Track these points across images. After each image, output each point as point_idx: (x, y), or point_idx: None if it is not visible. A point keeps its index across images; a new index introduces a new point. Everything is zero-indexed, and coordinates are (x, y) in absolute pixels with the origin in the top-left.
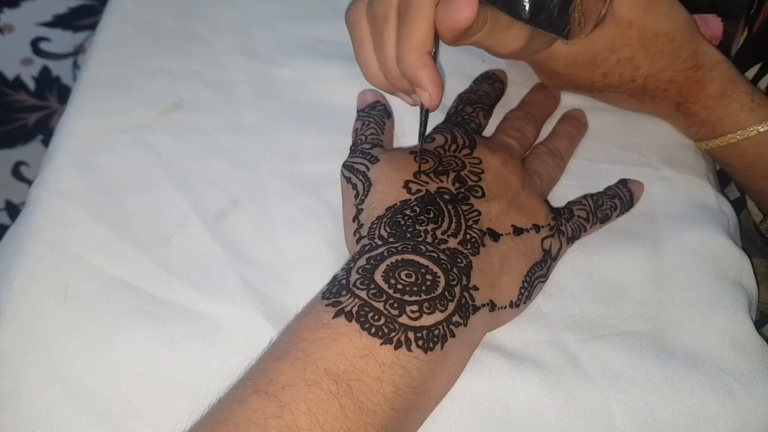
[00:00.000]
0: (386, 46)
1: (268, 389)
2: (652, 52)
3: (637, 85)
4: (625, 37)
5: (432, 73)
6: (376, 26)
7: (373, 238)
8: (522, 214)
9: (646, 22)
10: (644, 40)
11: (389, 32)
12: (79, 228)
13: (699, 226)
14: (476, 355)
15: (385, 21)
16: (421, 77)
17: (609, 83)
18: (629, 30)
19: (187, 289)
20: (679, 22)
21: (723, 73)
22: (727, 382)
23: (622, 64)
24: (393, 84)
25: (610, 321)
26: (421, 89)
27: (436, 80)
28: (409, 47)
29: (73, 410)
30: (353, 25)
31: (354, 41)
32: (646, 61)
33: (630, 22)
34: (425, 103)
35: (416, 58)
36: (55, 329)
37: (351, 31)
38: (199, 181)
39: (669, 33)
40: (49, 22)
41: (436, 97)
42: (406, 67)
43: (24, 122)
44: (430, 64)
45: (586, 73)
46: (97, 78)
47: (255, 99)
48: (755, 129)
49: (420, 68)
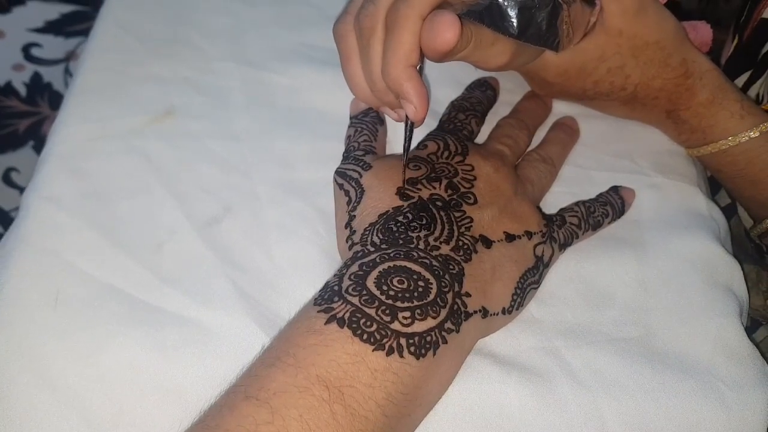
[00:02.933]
0: (372, 59)
1: (260, 395)
2: (642, 60)
3: (628, 93)
4: (615, 45)
5: (417, 85)
6: (362, 39)
7: (366, 244)
8: (514, 220)
9: (636, 31)
10: (634, 48)
11: (376, 45)
12: (70, 234)
13: (690, 233)
14: (468, 362)
15: (372, 34)
16: (407, 90)
17: (600, 92)
18: (619, 39)
19: (179, 295)
20: (669, 31)
21: (713, 80)
22: (719, 388)
23: (613, 73)
24: (378, 98)
25: (602, 327)
26: (407, 102)
27: (421, 93)
28: (395, 60)
29: (63, 417)
30: (340, 37)
31: (341, 54)
32: (636, 69)
33: (620, 31)
34: (410, 115)
35: (401, 71)
36: (45, 336)
37: (338, 44)
38: (191, 188)
39: (659, 41)
40: (41, 28)
41: (422, 110)
42: (392, 79)
43: (15, 128)
44: (416, 77)
45: (577, 82)
46: (90, 84)
47: (247, 105)
48: (746, 135)
49: (405, 81)
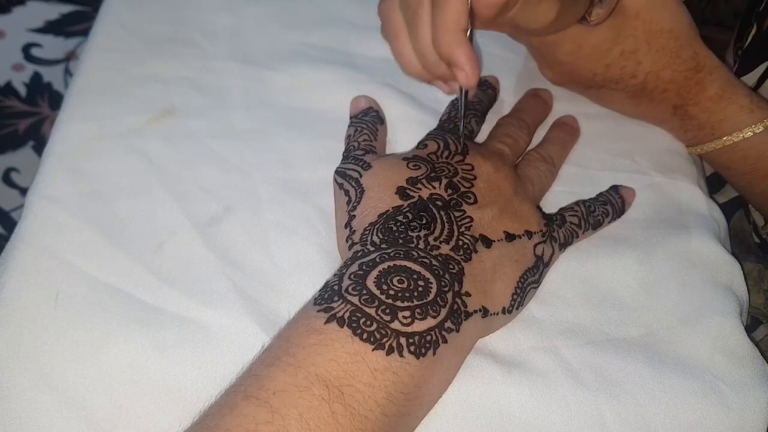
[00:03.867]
0: (421, 32)
1: (260, 395)
2: (655, 47)
3: (638, 82)
4: (631, 28)
5: (468, 51)
6: (409, 14)
7: (366, 244)
8: (514, 220)
9: (653, 16)
10: (649, 33)
11: (424, 17)
12: (70, 234)
13: (690, 232)
14: (469, 361)
15: (419, 5)
16: (458, 56)
17: (610, 77)
18: (636, 21)
19: (179, 295)
20: (684, 23)
21: (722, 76)
22: (719, 388)
23: (625, 57)
24: (429, 70)
25: (603, 327)
26: (458, 68)
27: (472, 57)
28: (444, 27)
29: (63, 417)
30: (386, 16)
31: (388, 32)
32: (648, 56)
33: (637, 13)
34: (462, 82)
35: (452, 37)
36: (45, 335)
37: (385, 23)
38: (191, 188)
39: (673, 30)
40: (41, 28)
41: (474, 75)
42: (442, 47)
43: (15, 128)
44: (466, 42)
45: (588, 63)
46: (90, 83)
47: (248, 105)
48: (756, 128)
49: (456, 47)
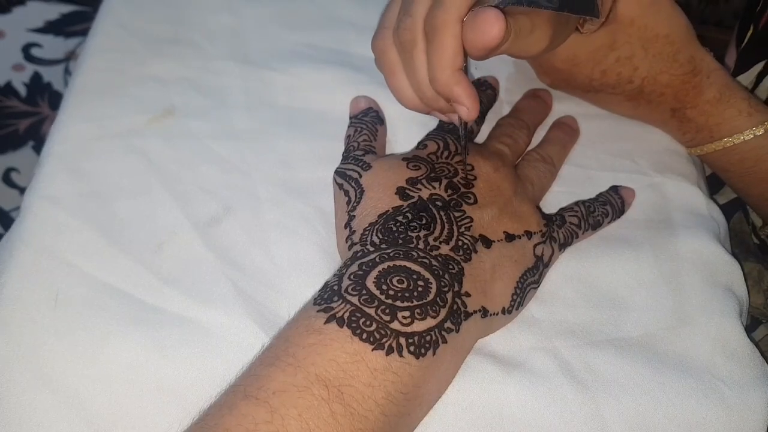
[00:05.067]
0: (418, 69)
1: (259, 395)
2: (651, 52)
3: (635, 86)
4: (626, 35)
5: (467, 87)
6: (405, 52)
7: (365, 244)
8: (514, 220)
9: (648, 22)
10: (644, 39)
11: (419, 55)
12: (70, 234)
13: (690, 233)
14: (468, 362)
15: (414, 45)
16: (458, 93)
17: (606, 82)
18: (631, 28)
19: (179, 295)
20: (680, 27)
21: (720, 79)
22: (719, 388)
23: (621, 63)
24: (429, 105)
25: (602, 327)
26: (459, 104)
27: (471, 94)
28: (441, 66)
29: (63, 417)
30: (381, 53)
31: (384, 69)
32: (644, 61)
33: (632, 20)
34: (464, 116)
35: (449, 76)
36: (45, 336)
37: (379, 60)
38: (190, 188)
39: (669, 35)
40: (41, 28)
41: (474, 109)
42: (441, 85)
43: (15, 128)
44: (464, 79)
45: (584, 70)
46: (89, 83)
47: (248, 105)
48: (754, 132)
49: (455, 85)
